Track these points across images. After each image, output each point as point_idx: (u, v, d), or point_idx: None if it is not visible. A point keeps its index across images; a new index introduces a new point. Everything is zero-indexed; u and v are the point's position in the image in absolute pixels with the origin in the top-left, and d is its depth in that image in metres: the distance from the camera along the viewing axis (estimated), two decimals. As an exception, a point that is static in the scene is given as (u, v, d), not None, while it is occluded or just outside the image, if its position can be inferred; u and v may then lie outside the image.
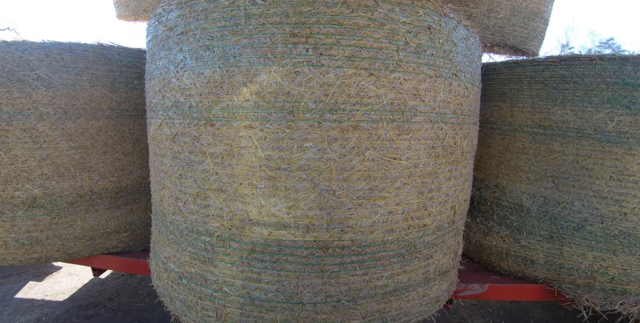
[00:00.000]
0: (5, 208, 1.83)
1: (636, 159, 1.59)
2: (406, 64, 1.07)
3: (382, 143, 1.09)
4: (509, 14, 2.65)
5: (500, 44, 2.73)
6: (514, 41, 2.74)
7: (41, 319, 3.01)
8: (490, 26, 2.63)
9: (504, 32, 2.68)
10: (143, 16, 2.87)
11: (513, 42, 2.74)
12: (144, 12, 2.85)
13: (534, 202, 1.80)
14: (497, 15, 2.61)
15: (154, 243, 1.60)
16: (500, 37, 2.69)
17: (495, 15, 2.60)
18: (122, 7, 2.96)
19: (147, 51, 1.44)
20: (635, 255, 1.67)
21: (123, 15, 2.99)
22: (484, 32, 2.63)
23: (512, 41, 2.74)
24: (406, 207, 1.18)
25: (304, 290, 1.20)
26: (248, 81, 1.02)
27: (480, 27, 2.60)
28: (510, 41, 2.74)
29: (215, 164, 1.12)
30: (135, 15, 2.91)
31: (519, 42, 2.77)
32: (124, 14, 2.96)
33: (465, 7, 2.51)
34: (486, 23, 2.61)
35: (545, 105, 1.72)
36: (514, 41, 2.74)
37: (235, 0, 1.02)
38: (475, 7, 2.53)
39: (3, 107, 1.72)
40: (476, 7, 2.53)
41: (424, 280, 1.38)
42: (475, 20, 2.55)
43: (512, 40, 2.74)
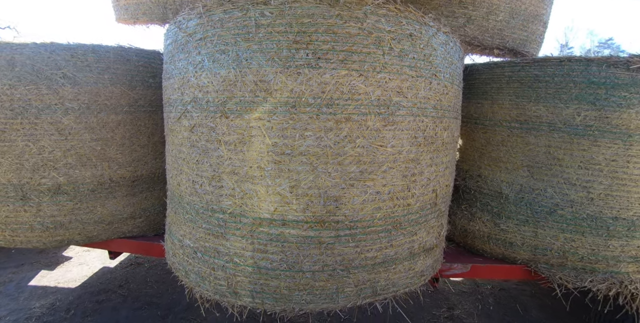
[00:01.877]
0: (32, 194, 2.05)
1: (601, 150, 1.81)
2: (391, 66, 1.29)
3: (370, 132, 1.31)
4: (508, 16, 2.66)
5: (500, 46, 2.74)
6: (513, 44, 2.76)
7: (55, 304, 3.23)
8: (489, 29, 2.65)
9: (503, 35, 2.70)
10: (142, 19, 2.89)
11: (512, 44, 2.76)
12: (143, 15, 2.86)
13: (511, 190, 2.03)
14: (496, 18, 2.63)
15: (170, 225, 1.82)
16: (500, 39, 2.71)
17: (495, 17, 2.62)
18: (121, 11, 2.98)
19: (166, 53, 1.66)
20: (601, 237, 1.89)
21: (122, 19, 3.01)
22: (483, 34, 2.65)
23: (511, 44, 2.75)
24: (392, 188, 1.40)
25: (304, 260, 1.42)
26: (258, 80, 1.24)
27: (479, 29, 2.61)
28: (509, 44, 2.75)
29: (228, 150, 1.34)
30: (135, 19, 2.92)
31: (518, 45, 2.79)
32: (123, 17, 2.99)
33: (464, 10, 2.54)
34: (485, 26, 2.63)
35: (521, 102, 1.94)
36: (513, 44, 2.76)
37: (247, 12, 1.24)
38: (474, 10, 2.56)
39: (32, 102, 1.94)
40: (475, 9, 2.56)
41: (409, 254, 1.60)
42: (474, 22, 2.58)
43: (511, 42, 2.76)
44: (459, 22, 2.57)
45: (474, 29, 2.60)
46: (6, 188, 2.04)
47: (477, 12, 2.56)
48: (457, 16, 2.55)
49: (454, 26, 2.54)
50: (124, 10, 2.93)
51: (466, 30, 2.60)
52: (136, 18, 2.89)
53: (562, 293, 2.01)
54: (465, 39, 2.60)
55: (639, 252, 1.91)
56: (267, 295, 1.48)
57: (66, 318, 3.00)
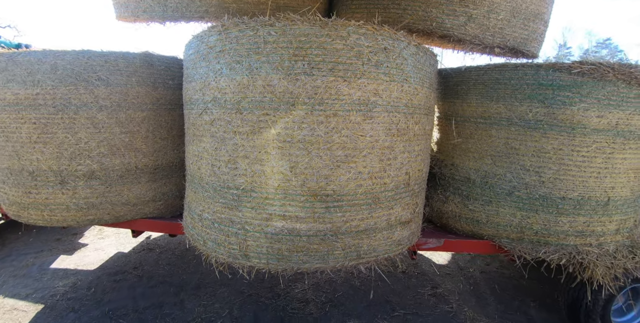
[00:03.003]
0: (69, 179, 2.45)
1: (549, 141, 2.21)
2: (369, 73, 1.69)
3: (352, 125, 1.71)
4: (509, 15, 2.69)
5: (501, 45, 2.78)
6: (514, 42, 2.79)
7: (77, 283, 3.63)
8: (490, 27, 2.67)
9: (504, 34, 2.73)
10: (142, 17, 2.92)
11: (513, 43, 2.79)
12: (144, 13, 2.89)
13: (478, 175, 2.43)
14: (497, 17, 2.65)
15: (190, 203, 2.22)
16: (501, 38, 2.74)
17: (496, 16, 2.65)
18: (121, 8, 3.00)
19: (188, 61, 2.05)
20: (552, 214, 2.29)
21: (122, 16, 3.04)
22: (483, 33, 2.67)
23: (512, 42, 2.79)
24: (370, 169, 1.80)
25: (301, 227, 1.82)
26: (265, 85, 1.64)
27: (480, 28, 2.65)
28: (510, 42, 2.78)
29: (242, 139, 1.74)
30: (135, 16, 2.95)
31: (519, 44, 2.83)
32: (124, 15, 3.01)
33: (465, 8, 2.58)
34: (486, 24, 2.66)
35: (485, 101, 2.34)
36: (514, 42, 2.79)
37: (257, 31, 1.64)
38: (475, 8, 2.59)
39: (72, 100, 2.33)
40: (476, 8, 2.59)
41: (387, 225, 2.00)
42: (475, 21, 2.61)
43: (512, 41, 2.79)
44: (460, 20, 2.61)
45: (475, 28, 2.64)
46: (47, 174, 2.44)
47: (478, 10, 2.60)
48: (458, 15, 2.59)
49: (455, 25, 2.60)
50: (124, 8, 2.96)
51: (467, 29, 2.63)
52: (136, 16, 2.93)
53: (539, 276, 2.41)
54: (466, 38, 2.65)
55: (585, 227, 2.31)
56: (272, 256, 1.88)
57: (88, 295, 3.40)
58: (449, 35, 2.63)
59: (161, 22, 2.96)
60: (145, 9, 2.87)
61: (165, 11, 2.83)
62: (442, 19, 2.59)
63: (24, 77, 2.31)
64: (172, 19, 2.88)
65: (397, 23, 2.51)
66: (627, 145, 2.22)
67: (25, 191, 2.50)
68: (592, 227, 2.30)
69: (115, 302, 3.27)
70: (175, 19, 2.87)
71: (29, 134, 2.38)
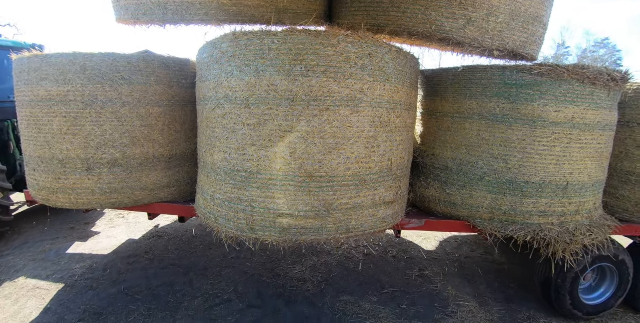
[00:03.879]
0: (95, 166, 2.82)
1: (514, 132, 2.59)
2: (355, 75, 2.06)
3: (342, 118, 2.08)
4: (508, 18, 2.72)
5: (500, 48, 2.80)
6: (513, 45, 2.82)
7: (93, 266, 4.02)
8: (489, 30, 2.70)
9: (503, 37, 2.76)
10: (142, 20, 2.93)
11: (512, 46, 2.82)
12: (144, 16, 2.90)
13: (454, 163, 2.81)
14: (496, 20, 2.69)
15: (202, 186, 2.60)
16: (500, 41, 2.76)
17: (495, 19, 2.68)
18: (121, 11, 3.02)
19: (202, 63, 2.43)
20: (518, 197, 2.68)
21: (122, 19, 3.06)
22: (483, 36, 2.70)
23: (511, 45, 2.81)
24: (357, 155, 2.18)
25: (299, 204, 2.20)
26: (270, 84, 2.01)
27: (479, 31, 2.67)
28: (509, 45, 2.81)
29: (250, 130, 2.12)
30: (135, 19, 2.96)
31: (519, 47, 2.86)
32: (124, 18, 3.03)
33: (464, 11, 2.61)
34: (485, 27, 2.69)
35: (460, 98, 2.72)
36: (513, 45, 2.82)
37: (262, 40, 2.02)
38: (474, 11, 2.62)
39: (99, 97, 2.71)
40: (475, 11, 2.63)
41: (372, 204, 2.38)
42: (474, 24, 2.65)
43: (511, 44, 2.81)
44: (459, 23, 2.65)
45: (474, 31, 2.67)
46: (75, 162, 2.82)
47: (477, 13, 2.64)
48: (458, 18, 2.63)
49: (454, 28, 2.64)
50: (125, 11, 2.98)
51: (466, 32, 2.66)
52: (137, 18, 2.95)
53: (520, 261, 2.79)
54: (465, 41, 2.69)
55: (547, 208, 2.70)
56: (274, 229, 2.26)
57: (104, 275, 3.79)
58: (448, 38, 2.68)
59: (161, 25, 3.00)
60: (145, 11, 2.90)
61: (166, 14, 2.86)
62: (441, 22, 2.63)
63: (56, 76, 2.69)
64: (172, 21, 2.91)
65: (397, 26, 2.65)
66: (583, 136, 2.60)
67: (55, 177, 2.88)
68: (553, 208, 2.68)
69: (129, 282, 3.65)
70: (175, 21, 2.90)
71: (59, 126, 2.75)
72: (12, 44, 5.28)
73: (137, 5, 2.90)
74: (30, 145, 2.92)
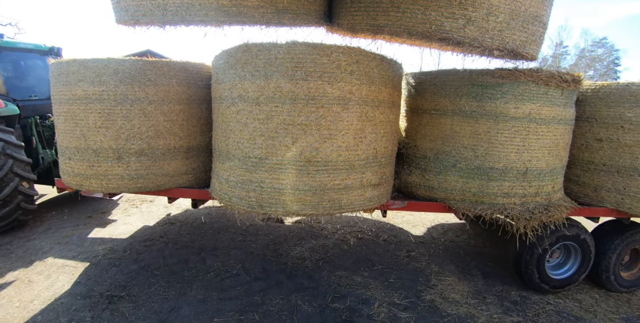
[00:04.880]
0: (124, 155, 3.36)
1: (481, 126, 3.13)
2: (345, 79, 2.61)
3: (334, 113, 2.63)
4: (508, 17, 2.76)
5: (500, 47, 2.85)
6: (513, 45, 2.87)
7: (114, 247, 4.57)
8: (489, 30, 2.75)
9: (503, 36, 2.80)
10: (142, 21, 2.97)
11: (512, 46, 2.87)
12: (143, 17, 2.94)
13: (432, 153, 3.36)
14: (496, 19, 2.73)
15: (217, 172, 3.14)
16: (500, 40, 2.81)
17: (495, 19, 2.73)
18: (121, 12, 3.06)
19: (218, 67, 2.97)
20: (484, 180, 3.22)
21: (122, 20, 3.09)
22: (482, 35, 2.74)
23: (511, 45, 2.86)
24: (347, 144, 2.73)
25: (299, 184, 2.75)
26: (276, 86, 2.56)
27: (479, 31, 2.72)
28: (509, 45, 2.85)
29: (259, 123, 2.66)
30: (135, 20, 3.00)
31: (518, 46, 2.90)
32: (123, 19, 3.07)
33: (464, 11, 2.66)
34: (485, 27, 2.73)
35: (436, 97, 3.27)
36: (513, 45, 2.87)
37: (270, 51, 2.56)
38: (474, 11, 2.67)
39: (129, 96, 3.24)
40: (475, 10, 2.67)
41: (360, 185, 2.92)
42: (474, 24, 2.69)
43: (511, 44, 2.85)
44: (459, 23, 2.69)
45: (474, 31, 2.72)
46: (107, 151, 3.35)
47: (477, 13, 2.68)
48: (457, 17, 2.68)
49: (454, 27, 2.69)
50: (124, 12, 3.02)
51: (466, 32, 2.71)
52: (136, 20, 2.98)
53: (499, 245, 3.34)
54: (465, 41, 2.74)
55: (509, 190, 3.24)
56: (279, 205, 2.81)
57: (124, 255, 4.34)
58: (448, 38, 2.74)
59: (161, 26, 3.05)
60: (145, 12, 2.92)
61: (165, 15, 2.89)
62: (441, 22, 2.68)
63: (92, 78, 3.22)
64: (171, 22, 2.95)
65: (397, 26, 2.74)
66: (539, 129, 3.15)
67: (89, 165, 3.42)
68: (515, 190, 3.23)
69: (148, 260, 4.21)
70: (174, 22, 2.94)
71: (94, 121, 3.29)
72: (34, 46, 5.82)
73: (136, 7, 2.95)
74: (66, 137, 3.45)
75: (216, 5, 2.79)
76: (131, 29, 3.17)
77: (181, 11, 2.83)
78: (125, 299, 3.47)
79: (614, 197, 3.62)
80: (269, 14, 2.92)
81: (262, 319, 3.20)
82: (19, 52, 5.78)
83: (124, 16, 3.03)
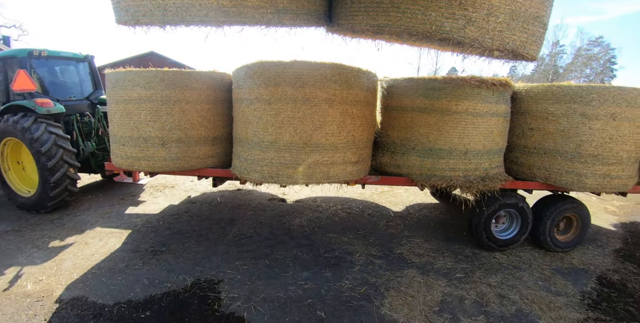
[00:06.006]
0: (167, 142, 4.61)
1: (432, 118, 4.40)
2: (330, 86, 3.88)
3: (323, 110, 3.90)
4: (508, 18, 2.82)
5: (500, 48, 2.93)
6: (513, 45, 2.94)
7: (149, 219, 5.83)
8: (489, 30, 2.81)
9: (503, 37, 2.86)
10: (142, 21, 3.04)
11: (512, 46, 2.94)
12: (143, 17, 3.01)
13: (399, 140, 4.63)
14: (496, 20, 2.79)
15: (237, 153, 4.40)
16: (500, 41, 2.87)
17: (495, 19, 2.78)
18: (121, 12, 3.13)
19: (239, 77, 4.23)
20: (435, 159, 4.49)
21: (122, 21, 3.18)
22: (483, 36, 2.81)
23: (511, 45, 2.93)
24: (333, 131, 4.00)
25: (299, 160, 4.01)
26: (282, 91, 3.83)
27: (479, 31, 2.79)
28: (509, 45, 2.93)
29: (270, 117, 3.93)
30: (135, 21, 3.07)
31: (519, 46, 2.98)
32: (124, 19, 3.15)
33: (464, 11, 2.73)
34: (485, 27, 2.79)
35: (401, 98, 4.53)
36: (513, 45, 2.94)
37: (278, 66, 3.83)
38: (474, 11, 2.73)
39: (171, 97, 4.50)
40: (475, 11, 2.73)
41: (343, 162, 4.19)
42: (474, 24, 2.76)
43: (511, 44, 2.92)
44: (459, 23, 2.75)
45: (474, 31, 2.78)
46: (154, 139, 4.60)
47: (477, 13, 2.73)
48: (457, 18, 2.74)
49: (454, 28, 2.76)
50: (125, 12, 3.10)
51: (466, 32, 2.76)
52: (136, 20, 3.05)
53: (461, 217, 4.61)
54: (465, 41, 2.82)
55: (454, 166, 4.52)
56: (284, 176, 4.07)
57: (159, 224, 5.60)
58: (448, 39, 2.82)
59: (161, 26, 3.12)
60: (145, 13, 2.97)
61: (165, 15, 2.95)
62: (441, 22, 2.76)
63: (144, 84, 4.47)
64: (172, 22, 3.02)
65: (397, 26, 2.87)
66: (475, 120, 4.40)
67: (139, 150, 4.66)
68: (458, 166, 4.49)
69: (178, 227, 5.47)
70: (175, 22, 3.02)
71: (145, 116, 4.53)
72: (72, 55, 7.08)
73: (136, 7, 3.03)
74: (122, 128, 4.70)
75: (216, 6, 2.93)
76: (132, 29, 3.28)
77: (181, 11, 2.96)
78: (165, 252, 4.73)
79: (543, 173, 4.88)
80: (269, 14, 3.09)
81: (271, 263, 4.46)
82: (60, 60, 7.03)
83: (124, 16, 3.16)
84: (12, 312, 3.55)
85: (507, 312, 3.75)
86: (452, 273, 4.42)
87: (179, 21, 3.00)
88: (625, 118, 4.49)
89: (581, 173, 4.64)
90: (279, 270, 4.31)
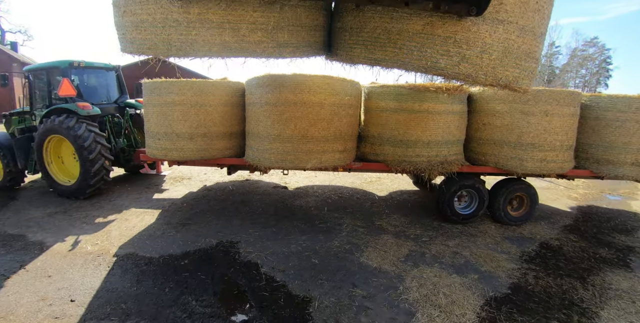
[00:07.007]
0: (194, 136, 6.04)
1: (401, 116, 5.84)
2: (321, 93, 5.32)
3: (317, 110, 5.35)
4: (501, 55, 2.91)
5: (493, 83, 3.04)
6: (506, 80, 3.03)
7: (174, 202, 7.27)
8: (483, 67, 2.91)
9: (496, 73, 2.96)
10: (147, 53, 3.20)
11: (505, 81, 3.03)
12: (148, 50, 3.16)
13: (377, 134, 6.08)
14: (489, 57, 2.89)
15: (250, 145, 5.84)
16: (493, 77, 2.97)
17: (488, 56, 2.88)
18: (127, 44, 3.31)
19: (251, 85, 5.68)
20: (404, 148, 5.93)
21: (127, 50, 3.34)
22: (476, 72, 2.92)
23: (504, 80, 3.02)
24: (323, 127, 5.45)
25: (298, 149, 5.44)
26: (286, 97, 5.27)
27: (473, 68, 2.90)
28: (502, 81, 3.02)
29: (276, 116, 5.38)
30: (139, 52, 3.22)
31: (511, 82, 3.08)
32: (129, 50, 3.31)
33: (458, 49, 2.85)
34: (479, 64, 2.89)
35: (378, 100, 6.01)
36: (506, 80, 3.03)
37: (282, 78, 5.26)
38: (468, 49, 2.84)
39: (198, 101, 5.93)
40: (469, 48, 2.84)
41: (332, 150, 5.65)
42: (468, 61, 2.88)
43: (504, 80, 3.01)
44: (454, 60, 2.87)
45: (468, 67, 2.90)
46: (184, 135, 6.04)
47: (471, 51, 2.83)
48: (452, 55, 2.86)
49: (449, 64, 2.89)
50: (130, 44, 3.27)
51: (460, 68, 2.88)
52: (141, 52, 3.22)
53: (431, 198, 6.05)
54: (459, 77, 2.95)
55: (419, 153, 5.96)
56: (288, 162, 5.51)
57: (182, 206, 7.02)
58: (443, 74, 2.99)
59: (165, 58, 3.31)
60: (150, 46, 3.10)
61: (170, 49, 3.10)
62: (436, 59, 2.91)
63: (177, 91, 5.90)
64: (176, 55, 3.19)
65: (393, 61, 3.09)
66: (435, 117, 5.84)
67: (171, 142, 6.09)
68: (422, 153, 5.92)
69: (200, 208, 6.90)
70: (179, 56, 3.19)
71: (177, 116, 5.96)
72: (104, 65, 8.53)
73: (142, 40, 3.19)
74: (157, 126, 6.11)
75: (219, 41, 3.10)
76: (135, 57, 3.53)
77: (185, 46, 3.13)
78: (192, 224, 6.15)
79: (493, 159, 6.30)
80: (271, 48, 3.35)
81: (277, 230, 5.89)
82: (93, 69, 8.46)
83: (129, 47, 3.35)
84: (80, 264, 4.95)
85: (457, 262, 5.16)
86: (419, 238, 5.83)
87: (182, 54, 3.18)
88: (556, 114, 5.93)
89: (522, 158, 6.06)
90: (283, 235, 5.73)
